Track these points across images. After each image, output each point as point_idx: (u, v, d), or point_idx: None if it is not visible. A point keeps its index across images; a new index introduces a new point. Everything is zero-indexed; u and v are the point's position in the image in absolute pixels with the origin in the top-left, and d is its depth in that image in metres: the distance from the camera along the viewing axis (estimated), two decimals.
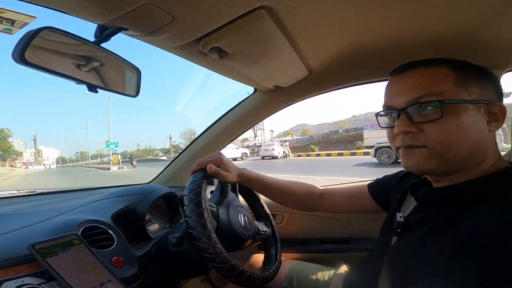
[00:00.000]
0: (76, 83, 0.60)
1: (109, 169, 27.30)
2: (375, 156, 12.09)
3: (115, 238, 0.75)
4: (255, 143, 43.58)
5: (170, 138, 66.48)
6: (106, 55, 0.63)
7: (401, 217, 0.64)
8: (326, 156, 21.93)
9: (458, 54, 0.60)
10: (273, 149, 22.32)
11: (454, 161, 0.54)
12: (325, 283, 0.98)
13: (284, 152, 23.01)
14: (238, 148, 26.68)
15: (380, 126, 0.65)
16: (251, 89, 1.21)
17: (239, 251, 0.85)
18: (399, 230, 0.63)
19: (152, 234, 0.95)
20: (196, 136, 1.38)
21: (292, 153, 25.35)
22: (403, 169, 0.69)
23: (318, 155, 23.87)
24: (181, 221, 1.07)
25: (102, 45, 0.59)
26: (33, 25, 0.52)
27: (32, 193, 1.09)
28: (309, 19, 0.67)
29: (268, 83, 1.07)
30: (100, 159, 56.10)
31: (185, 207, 0.68)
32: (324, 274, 1.02)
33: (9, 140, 54.35)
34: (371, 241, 0.77)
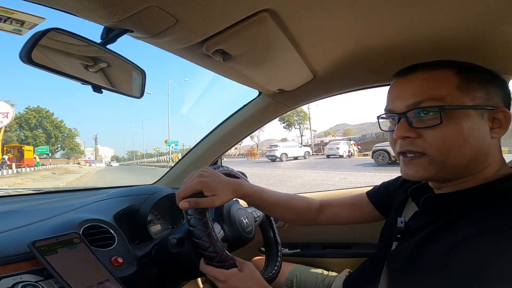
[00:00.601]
0: (82, 84, 0.60)
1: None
2: (372, 157, 13.04)
3: (116, 237, 0.75)
4: (301, 143, 42.68)
5: None
6: (112, 56, 0.64)
7: (401, 222, 0.63)
8: None
9: (465, 58, 0.59)
10: (338, 148, 21.63)
11: (453, 168, 0.53)
12: (326, 287, 0.97)
13: (349, 151, 22.09)
14: (301, 147, 25.56)
15: (381, 130, 0.64)
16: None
17: (240, 253, 0.86)
18: (399, 236, 0.63)
19: (154, 235, 0.96)
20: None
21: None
22: None
23: None
24: (183, 222, 1.07)
25: (108, 46, 0.60)
26: (42, 26, 0.53)
27: (38, 192, 1.10)
28: (313, 23, 0.67)
29: (272, 87, 1.07)
30: (156, 158, 56.65)
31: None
32: (325, 279, 1.01)
33: (75, 140, 55.73)
34: (374, 246, 0.76)
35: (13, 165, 25.32)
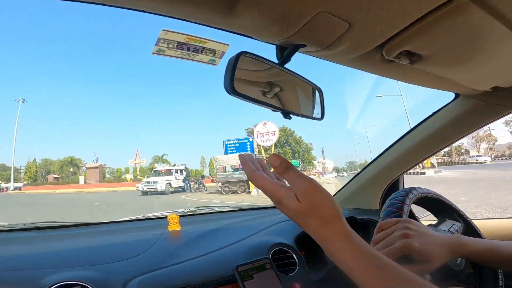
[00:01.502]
0: (272, 111, 0.55)
1: (423, 173, 22.40)
2: None
3: (298, 263, 0.77)
4: None
5: None
6: (291, 77, 0.58)
7: None
8: None
9: None
10: None
11: None
12: None
13: None
14: None
15: None
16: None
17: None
18: None
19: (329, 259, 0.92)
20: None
21: None
22: None
23: None
24: None
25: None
26: (228, 54, 0.54)
27: (233, 209, 1.30)
28: None
29: (483, 85, 0.82)
30: None
31: None
32: None
33: (311, 153, 64.04)
34: None
35: None
